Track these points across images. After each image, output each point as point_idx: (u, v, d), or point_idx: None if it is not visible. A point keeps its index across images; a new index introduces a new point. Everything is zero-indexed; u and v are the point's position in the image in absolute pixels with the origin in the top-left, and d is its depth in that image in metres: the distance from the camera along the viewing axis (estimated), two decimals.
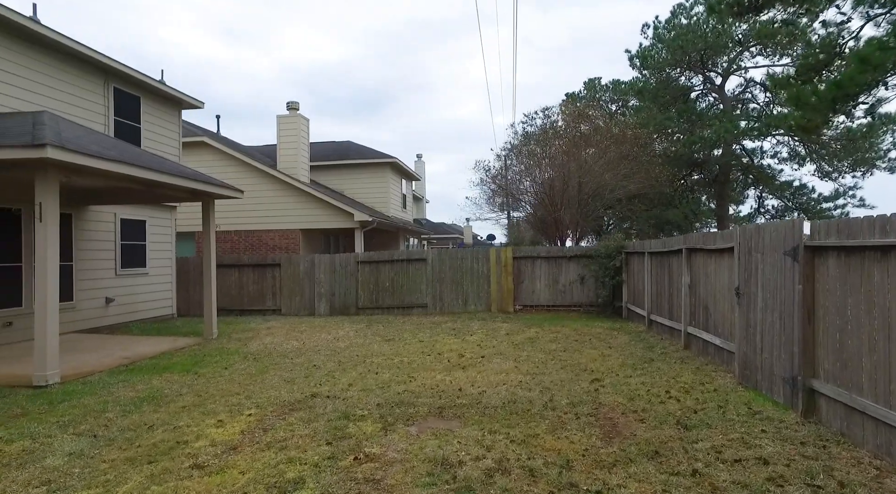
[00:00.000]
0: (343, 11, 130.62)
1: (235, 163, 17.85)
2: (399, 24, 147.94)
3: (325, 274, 14.69)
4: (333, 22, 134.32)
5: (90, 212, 11.06)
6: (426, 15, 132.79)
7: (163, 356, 8.60)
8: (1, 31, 9.08)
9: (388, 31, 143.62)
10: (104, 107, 11.21)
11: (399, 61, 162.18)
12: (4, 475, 4.17)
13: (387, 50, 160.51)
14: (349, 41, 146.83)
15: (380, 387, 6.44)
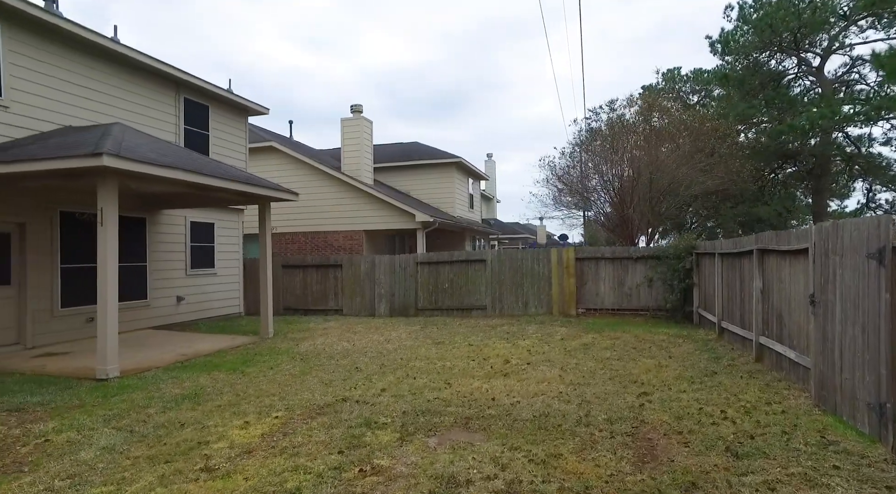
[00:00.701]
0: (420, 15, 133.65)
1: (302, 166, 18.44)
2: (475, 24, 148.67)
3: (385, 275, 14.77)
4: (410, 26, 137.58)
5: (163, 215, 11.78)
6: (502, 14, 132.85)
7: (218, 354, 8.92)
8: (85, 53, 9.85)
9: (464, 32, 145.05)
10: (175, 117, 11.90)
11: (474, 61, 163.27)
12: (42, 465, 4.38)
13: (462, 51, 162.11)
14: (425, 43, 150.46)
15: (412, 393, 6.25)
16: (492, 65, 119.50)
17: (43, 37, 9.18)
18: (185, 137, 12.12)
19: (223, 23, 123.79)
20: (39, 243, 9.19)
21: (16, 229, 8.98)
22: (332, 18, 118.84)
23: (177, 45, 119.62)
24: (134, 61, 10.67)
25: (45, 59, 9.21)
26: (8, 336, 8.83)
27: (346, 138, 18.71)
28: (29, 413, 5.79)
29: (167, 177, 7.51)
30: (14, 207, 8.82)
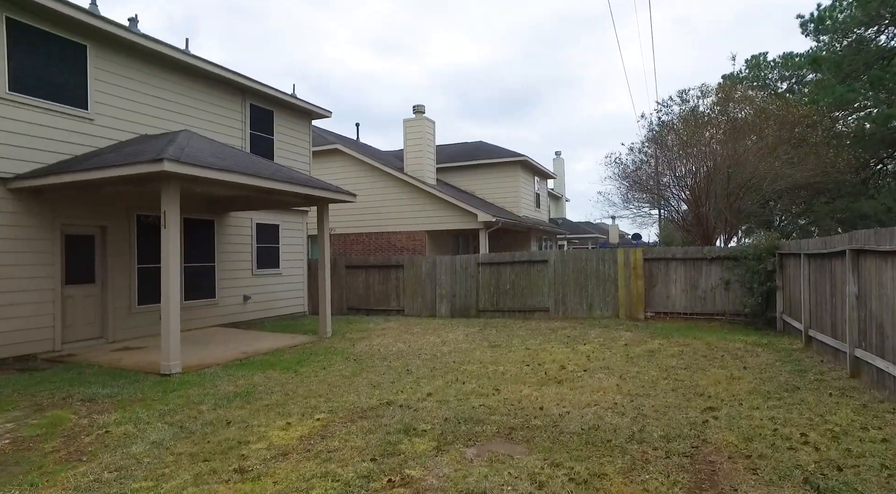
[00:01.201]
0: (488, 14, 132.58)
1: (365, 167, 18.72)
2: (544, 20, 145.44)
3: (446, 276, 14.66)
4: (478, 25, 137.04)
5: (230, 218, 12.29)
6: (572, 8, 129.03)
7: (276, 352, 9.13)
8: (160, 65, 10.46)
9: (533, 29, 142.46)
10: (242, 123, 12.39)
11: (544, 58, 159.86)
12: (98, 456, 4.57)
13: (532, 48, 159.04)
14: (494, 42, 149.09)
15: (457, 399, 6.03)
16: (562, 61, 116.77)
17: (123, 53, 9.82)
18: (250, 142, 12.59)
19: (299, 33, 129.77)
20: (119, 245, 9.83)
21: (99, 232, 9.66)
22: (400, 22, 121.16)
23: (258, 58, 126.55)
24: (203, 71, 11.21)
25: (125, 74, 9.84)
26: (93, 330, 9.50)
27: (409, 139, 18.80)
28: (98, 404, 6.12)
29: (224, 180, 7.76)
30: (97, 212, 9.48)
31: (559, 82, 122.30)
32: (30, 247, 8.49)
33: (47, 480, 4.13)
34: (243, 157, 9.17)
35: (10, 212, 8.24)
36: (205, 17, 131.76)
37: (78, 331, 9.24)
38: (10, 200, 8.23)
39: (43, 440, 5.06)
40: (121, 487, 3.94)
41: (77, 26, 9.01)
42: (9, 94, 8.19)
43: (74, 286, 9.22)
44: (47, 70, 8.67)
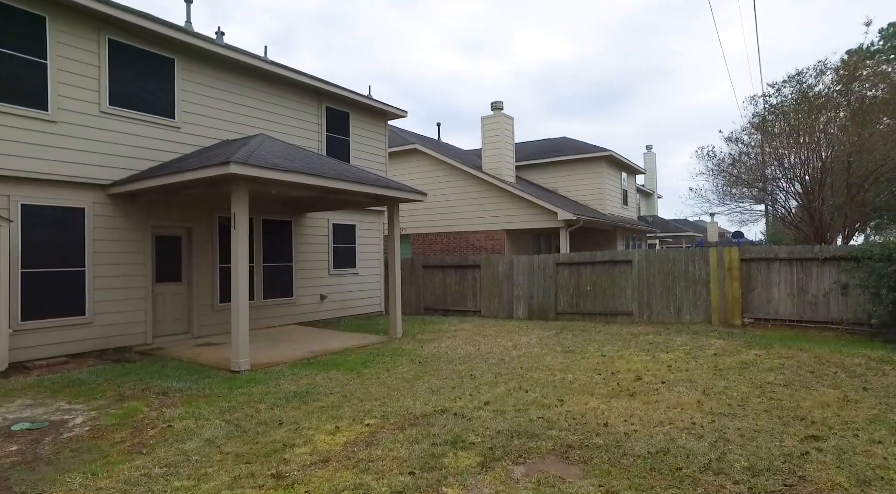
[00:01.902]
0: (575, 7, 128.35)
1: (443, 166, 18.62)
2: (635, 9, 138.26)
3: (523, 277, 14.17)
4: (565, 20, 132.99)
5: (307, 218, 12.63)
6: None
7: (344, 352, 9.18)
8: (240, 73, 10.96)
9: (623, 20, 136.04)
10: (318, 126, 12.70)
11: (636, 49, 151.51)
12: (155, 450, 4.70)
13: (622, 39, 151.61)
14: (583, 36, 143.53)
15: (516, 409, 5.62)
16: (655, 51, 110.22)
17: (206, 64, 10.37)
18: (327, 143, 12.88)
19: (388, 39, 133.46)
20: (203, 245, 10.39)
21: (185, 233, 10.27)
22: (485, 22, 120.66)
23: (349, 64, 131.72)
24: (281, 76, 11.59)
25: (208, 83, 10.39)
26: (180, 326, 10.12)
27: (487, 136, 18.46)
28: (169, 398, 6.39)
29: (288, 181, 7.88)
30: (183, 213, 10.08)
31: (652, 74, 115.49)
32: (126, 247, 9.17)
33: (106, 471, 4.27)
34: (312, 158, 9.32)
35: (109, 215, 8.94)
36: (300, 30, 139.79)
37: (167, 326, 9.87)
38: (108, 205, 8.94)
39: (115, 430, 5.31)
40: (165, 484, 3.98)
41: (166, 42, 9.62)
42: (109, 108, 8.88)
43: (164, 284, 9.86)
44: (139, 83, 9.33)
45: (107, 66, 8.87)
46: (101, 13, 8.68)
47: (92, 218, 8.68)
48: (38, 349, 8.04)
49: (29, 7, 8.06)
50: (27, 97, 8.00)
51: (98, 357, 8.61)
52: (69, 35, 8.46)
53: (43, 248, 8.14)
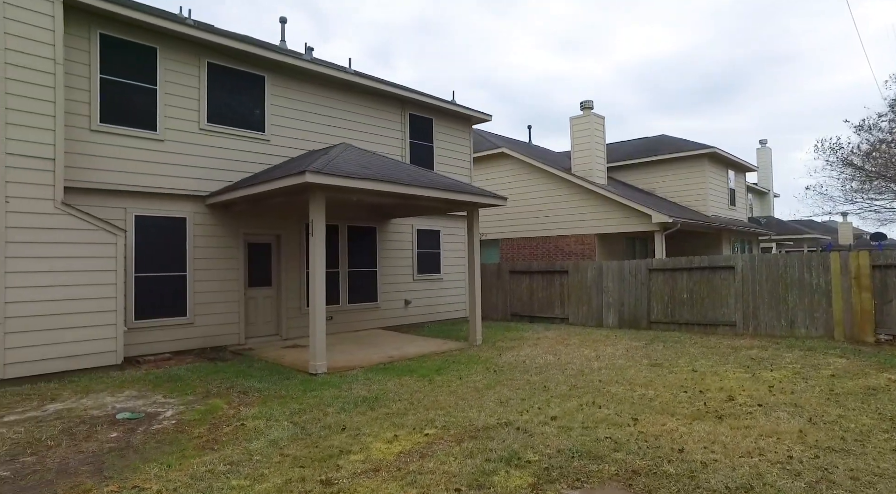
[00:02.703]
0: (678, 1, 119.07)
1: (532, 170, 18.22)
2: None
3: (613, 283, 13.44)
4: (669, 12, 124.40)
5: (391, 224, 12.89)
6: None
7: (420, 358, 9.19)
8: (325, 85, 11.46)
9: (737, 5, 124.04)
10: (401, 133, 12.94)
11: (753, 35, 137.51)
12: (225, 447, 4.93)
13: (735, 25, 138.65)
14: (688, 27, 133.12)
15: (584, 426, 5.24)
16: (775, 34, 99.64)
17: (294, 78, 10.96)
18: (410, 150, 13.08)
19: (483, 44, 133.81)
20: (291, 251, 10.94)
21: (275, 240, 10.89)
22: (583, 20, 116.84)
23: (446, 72, 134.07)
24: (364, 86, 11.96)
25: (295, 96, 10.97)
26: (269, 328, 10.72)
27: (576, 137, 17.79)
28: (248, 397, 6.74)
29: (363, 188, 8.04)
30: (272, 222, 10.69)
31: (770, 60, 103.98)
32: (222, 254, 9.89)
33: (179, 464, 4.54)
34: (388, 165, 9.46)
35: (207, 224, 9.70)
36: (397, 41, 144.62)
37: (258, 328, 10.50)
38: (206, 215, 9.70)
39: (196, 425, 5.67)
40: (224, 482, 4.14)
41: (258, 61, 10.29)
42: (207, 125, 9.67)
43: (255, 288, 10.51)
44: (233, 101, 10.05)
45: (205, 87, 9.65)
46: (204, 40, 9.47)
47: (192, 227, 9.47)
48: (147, 346, 8.88)
49: (144, 40, 8.98)
50: (140, 120, 8.91)
51: (197, 355, 9.35)
52: (175, 62, 9.31)
53: (151, 255, 9.00)
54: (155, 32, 9.05)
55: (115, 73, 8.66)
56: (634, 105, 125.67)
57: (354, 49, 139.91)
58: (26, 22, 7.43)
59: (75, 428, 5.56)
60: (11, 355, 7.20)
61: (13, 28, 7.33)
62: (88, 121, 8.38)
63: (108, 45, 8.62)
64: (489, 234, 19.20)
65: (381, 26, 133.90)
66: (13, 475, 4.44)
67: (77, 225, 7.67)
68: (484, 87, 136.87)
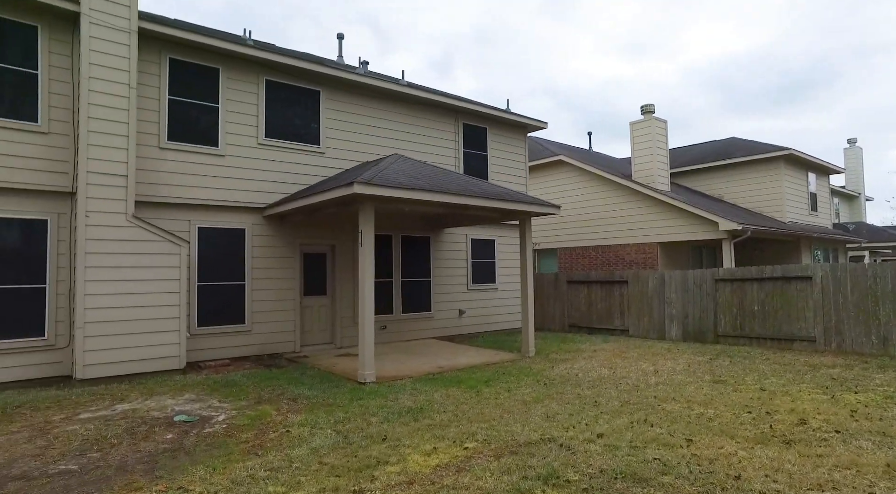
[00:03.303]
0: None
1: (590, 177, 17.73)
2: None
3: (676, 294, 12.78)
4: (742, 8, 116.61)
5: (445, 234, 12.89)
6: None
7: (470, 369, 9.07)
8: (378, 98, 11.69)
9: None
10: (455, 142, 12.97)
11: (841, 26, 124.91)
12: (269, 453, 5.03)
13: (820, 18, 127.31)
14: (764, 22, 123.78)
15: (631, 446, 4.94)
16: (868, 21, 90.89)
17: (348, 92, 11.26)
18: (464, 160, 13.08)
19: (544, 52, 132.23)
20: (345, 261, 11.17)
21: (329, 250, 11.15)
22: (648, 21, 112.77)
23: (507, 81, 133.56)
24: (417, 98, 12.10)
25: (349, 110, 11.25)
26: (324, 336, 10.97)
27: (637, 142, 17.16)
28: (297, 404, 6.87)
29: (411, 198, 8.08)
30: (327, 232, 10.96)
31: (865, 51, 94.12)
32: (279, 264, 10.24)
33: (224, 467, 4.67)
34: (438, 175, 9.47)
35: (264, 235, 10.09)
36: (457, 52, 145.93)
37: (313, 336, 10.77)
38: (264, 226, 10.09)
39: (245, 430, 5.84)
40: (262, 488, 4.21)
41: (313, 76, 10.66)
42: (264, 140, 10.09)
43: (311, 297, 10.80)
44: (289, 115, 10.44)
45: (263, 103, 10.09)
46: (262, 59, 9.92)
47: (251, 237, 9.88)
48: (208, 351, 9.31)
49: (208, 62, 9.53)
50: (203, 137, 9.43)
51: (254, 361, 9.69)
52: (236, 81, 9.81)
53: (213, 265, 9.46)
54: (218, 54, 9.57)
55: (181, 94, 9.23)
56: (703, 107, 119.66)
57: (416, 61, 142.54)
58: (107, 52, 8.06)
59: (137, 428, 5.87)
60: (89, 357, 7.74)
61: (97, 59, 7.97)
62: (157, 139, 8.97)
63: (176, 68, 9.20)
64: (547, 244, 18.83)
65: (441, 38, 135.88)
66: (80, 469, 4.73)
67: (146, 236, 8.18)
68: (546, 95, 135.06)
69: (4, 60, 7.85)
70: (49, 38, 8.15)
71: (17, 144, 7.86)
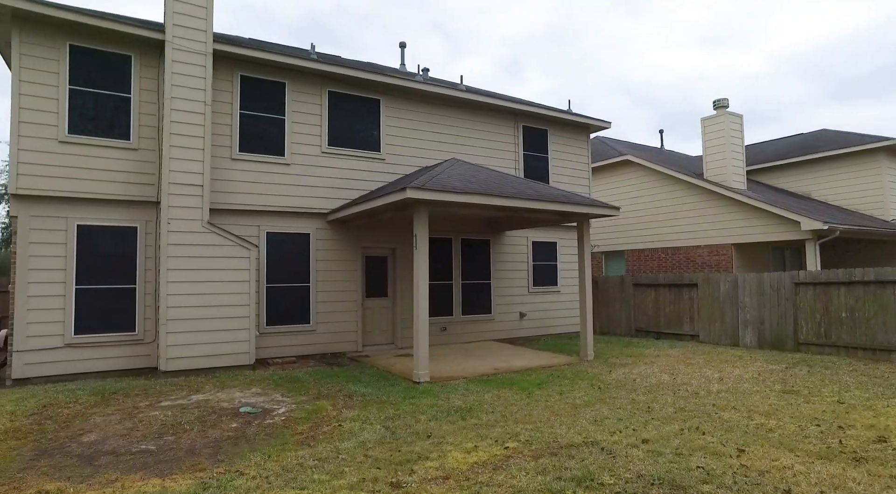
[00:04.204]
0: None
1: (658, 176, 17.06)
2: None
3: (751, 298, 12.05)
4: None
5: (505, 237, 12.91)
6: None
7: (525, 371, 9.05)
8: (437, 104, 11.95)
9: None
10: (514, 145, 12.97)
11: None
12: (320, 444, 5.32)
13: None
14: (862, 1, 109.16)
15: (676, 453, 4.79)
16: None
17: (408, 99, 11.60)
18: (524, 162, 13.05)
19: (615, 49, 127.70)
20: (405, 264, 11.48)
21: (390, 253, 11.51)
22: (728, 8, 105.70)
23: (577, 79, 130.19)
24: (475, 102, 12.25)
25: (409, 116, 11.58)
26: (384, 337, 11.33)
27: (708, 139, 16.32)
28: (352, 401, 7.19)
29: (464, 202, 8.21)
30: (388, 235, 11.33)
31: None
32: (343, 266, 10.72)
33: (278, 456, 5.02)
34: (494, 179, 9.54)
35: (328, 239, 10.60)
36: (527, 54, 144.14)
37: (374, 337, 11.15)
38: (327, 230, 10.61)
39: (301, 422, 6.20)
40: (308, 475, 4.49)
41: (373, 86, 11.08)
42: (327, 148, 10.61)
43: (372, 299, 11.20)
44: (350, 124, 10.91)
45: (326, 113, 10.62)
46: (325, 72, 10.46)
47: (315, 241, 10.41)
48: (275, 349, 9.91)
49: (275, 77, 10.18)
50: (271, 147, 10.08)
51: (318, 359, 10.19)
52: (300, 93, 10.40)
53: (280, 267, 10.07)
54: (284, 69, 10.20)
55: (250, 108, 9.93)
56: (797, 97, 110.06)
57: (485, 64, 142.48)
58: (187, 74, 8.85)
59: (207, 417, 6.39)
60: (171, 351, 8.50)
61: (178, 81, 8.78)
62: (230, 150, 9.69)
63: (246, 84, 9.91)
64: (614, 245, 18.32)
65: (510, 39, 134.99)
66: (157, 449, 5.25)
67: (219, 241, 8.87)
68: (620, 92, 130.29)
69: (105, 87, 8.82)
70: (140, 65, 9.07)
71: (114, 160, 8.80)
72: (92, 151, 8.66)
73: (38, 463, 4.89)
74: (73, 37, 8.62)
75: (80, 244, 8.56)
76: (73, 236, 8.52)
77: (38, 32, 8.41)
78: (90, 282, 8.59)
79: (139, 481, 4.43)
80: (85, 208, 8.64)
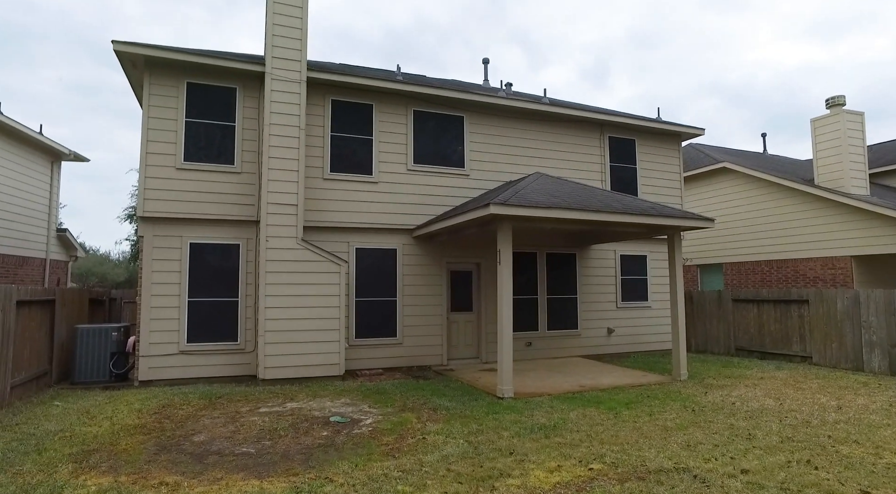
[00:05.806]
0: None
1: (760, 184, 15.85)
2: None
3: (878, 317, 10.80)
4: None
5: (591, 250, 12.56)
6: None
7: (613, 390, 8.71)
8: (519, 118, 11.95)
9: None
10: (600, 157, 12.65)
11: None
12: (404, 456, 5.47)
13: None
14: None
15: (781, 488, 4.40)
16: None
17: (491, 115, 11.71)
18: (610, 174, 12.68)
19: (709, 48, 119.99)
20: (489, 278, 11.51)
21: (475, 268, 11.60)
22: None
23: (670, 84, 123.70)
24: (559, 115, 12.13)
25: (492, 132, 11.68)
26: (470, 351, 11.38)
27: (820, 141, 14.93)
28: (437, 414, 7.29)
29: (548, 217, 8.12)
30: (472, 250, 11.43)
31: None
32: (428, 281, 10.95)
33: (364, 465, 5.21)
34: (578, 193, 9.35)
35: (413, 254, 10.89)
36: (614, 60, 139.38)
37: (459, 351, 11.24)
38: (413, 245, 10.90)
39: (387, 434, 6.39)
40: (392, 486, 4.62)
41: (457, 103, 11.31)
42: (413, 166, 10.95)
43: (457, 313, 11.31)
44: (435, 141, 11.19)
45: (412, 132, 10.98)
46: (411, 92, 10.85)
47: (401, 257, 10.74)
48: (364, 361, 10.28)
49: (363, 100, 10.71)
50: (359, 166, 10.58)
51: (404, 372, 10.43)
52: (387, 113, 10.85)
53: (368, 282, 10.47)
54: (371, 91, 10.70)
55: (341, 130, 10.49)
56: None
57: (568, 74, 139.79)
58: (283, 101, 9.56)
59: (300, 424, 6.76)
60: (269, 361, 9.09)
61: (275, 108, 9.51)
62: (322, 171, 10.29)
63: (336, 108, 10.50)
64: (711, 258, 17.21)
65: (594, 46, 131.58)
66: (256, 452, 5.64)
67: (312, 257, 9.41)
68: (714, 94, 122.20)
69: (214, 118, 9.74)
70: (243, 95, 9.91)
71: (220, 184, 9.65)
72: (203, 176, 9.56)
73: (159, 458, 5.42)
74: (191, 75, 9.61)
75: (192, 260, 9.44)
76: (187, 253, 9.41)
77: (164, 74, 9.48)
78: (200, 295, 9.43)
79: (240, 481, 4.77)
80: (196, 228, 9.53)
